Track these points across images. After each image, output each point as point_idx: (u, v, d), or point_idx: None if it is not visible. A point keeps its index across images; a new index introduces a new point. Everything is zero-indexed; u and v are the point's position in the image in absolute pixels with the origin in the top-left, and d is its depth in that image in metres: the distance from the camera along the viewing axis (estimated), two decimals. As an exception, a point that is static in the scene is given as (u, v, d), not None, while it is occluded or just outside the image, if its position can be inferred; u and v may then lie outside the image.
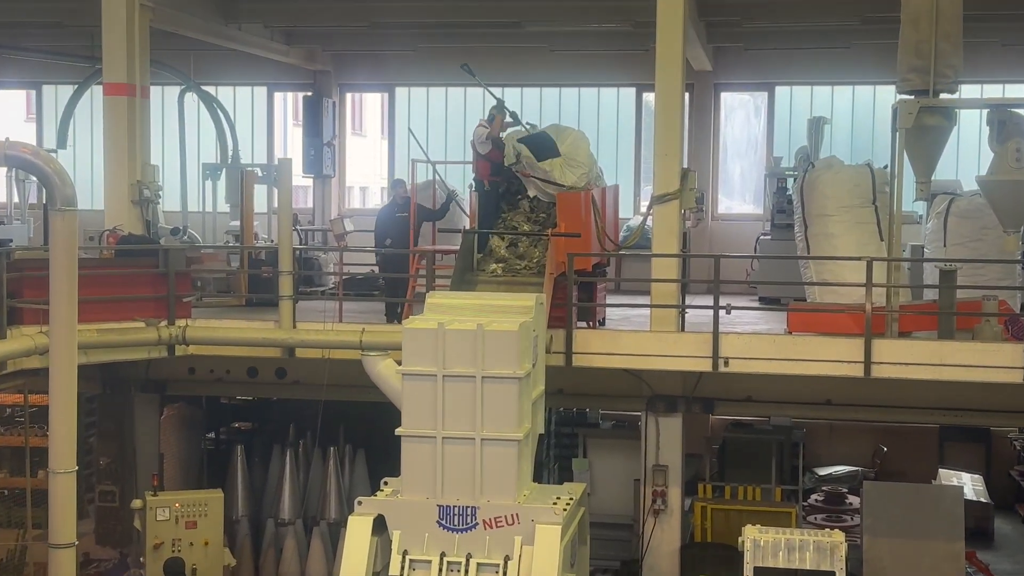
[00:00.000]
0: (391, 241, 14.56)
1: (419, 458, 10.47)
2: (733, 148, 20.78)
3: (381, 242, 14.56)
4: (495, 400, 10.38)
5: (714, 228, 19.96)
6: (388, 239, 14.57)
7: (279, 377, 15.31)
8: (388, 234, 14.59)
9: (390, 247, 14.54)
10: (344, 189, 22.17)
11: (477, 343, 10.37)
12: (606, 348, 12.98)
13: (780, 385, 14.01)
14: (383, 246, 14.53)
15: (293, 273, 13.61)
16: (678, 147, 13.20)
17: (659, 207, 13.20)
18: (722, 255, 14.20)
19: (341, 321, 13.97)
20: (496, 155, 13.68)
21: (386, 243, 14.52)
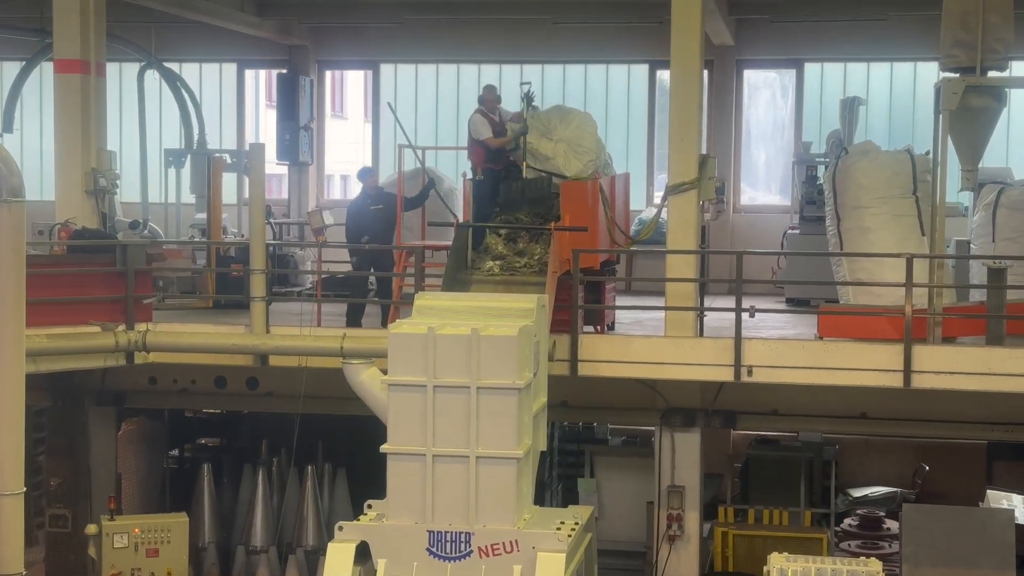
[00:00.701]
0: (368, 238, 14.53)
1: (407, 478, 10.47)
2: (757, 132, 20.78)
3: (355, 239, 14.54)
4: (492, 413, 10.38)
5: (736, 221, 19.97)
6: (365, 236, 14.53)
7: (250, 388, 15.30)
8: (364, 230, 14.57)
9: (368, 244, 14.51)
10: (323, 178, 22.17)
11: (471, 350, 10.38)
12: (616, 355, 12.98)
13: (810, 396, 14.01)
14: (356, 241, 14.50)
15: (266, 272, 13.60)
16: (696, 131, 13.20)
17: (675, 198, 13.20)
18: (745, 251, 14.21)
19: (320, 325, 13.97)
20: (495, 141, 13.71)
21: (362, 240, 14.49)
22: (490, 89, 13.99)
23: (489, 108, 13.87)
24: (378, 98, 21.38)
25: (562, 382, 13.21)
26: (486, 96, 13.92)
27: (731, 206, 19.92)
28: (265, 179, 14.02)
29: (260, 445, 16.56)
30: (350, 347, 12.55)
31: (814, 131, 19.76)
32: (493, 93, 13.96)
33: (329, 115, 22.63)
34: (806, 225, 17.41)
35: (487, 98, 13.91)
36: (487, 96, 13.91)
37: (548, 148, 13.79)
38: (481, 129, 13.68)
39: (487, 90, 13.98)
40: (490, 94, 13.94)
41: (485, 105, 13.88)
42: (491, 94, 13.95)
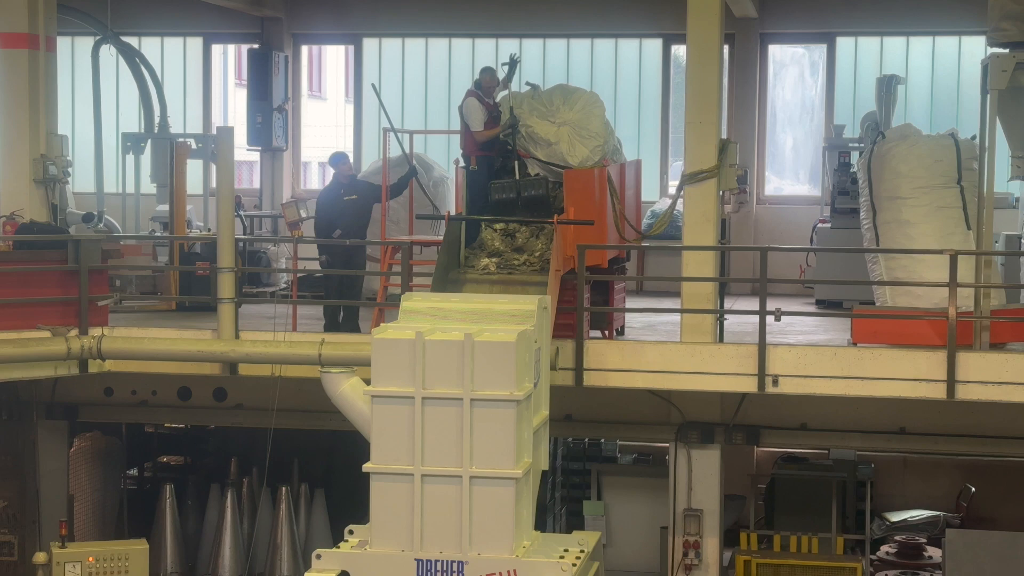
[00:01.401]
0: (340, 232, 14.50)
1: (393, 501, 10.47)
2: (784, 115, 20.77)
3: (326, 232, 14.54)
4: (487, 428, 10.37)
5: (760, 214, 19.97)
6: (337, 229, 14.51)
7: (218, 399, 15.30)
8: (335, 223, 14.55)
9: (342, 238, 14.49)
10: (299, 165, 22.16)
11: (464, 357, 10.37)
12: (625, 363, 13.00)
13: (842, 410, 14.02)
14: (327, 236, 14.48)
15: (235, 270, 13.60)
16: (715, 113, 13.21)
17: (691, 188, 13.21)
18: (770, 247, 14.20)
19: (295, 330, 13.97)
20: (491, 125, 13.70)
21: (334, 234, 14.47)
22: (489, 72, 13.92)
23: (487, 93, 13.84)
24: (360, 76, 21.37)
25: (566, 393, 13.20)
26: (485, 80, 13.85)
27: (754, 197, 19.92)
28: (234, 167, 14.00)
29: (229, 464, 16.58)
30: (329, 354, 12.55)
31: (847, 113, 19.76)
32: (493, 77, 13.90)
33: (306, 95, 22.62)
34: (838, 218, 17.41)
35: (486, 83, 13.84)
36: (486, 80, 13.85)
37: (550, 132, 13.78)
38: (474, 116, 13.63)
39: (486, 73, 13.92)
40: (489, 78, 13.87)
41: (483, 89, 13.83)
42: (490, 78, 13.88)
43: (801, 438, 14.71)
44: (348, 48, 21.94)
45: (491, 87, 13.85)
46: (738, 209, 19.34)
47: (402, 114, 20.46)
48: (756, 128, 19.98)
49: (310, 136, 22.87)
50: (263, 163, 21.48)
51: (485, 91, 13.83)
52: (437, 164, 18.78)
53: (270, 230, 20.51)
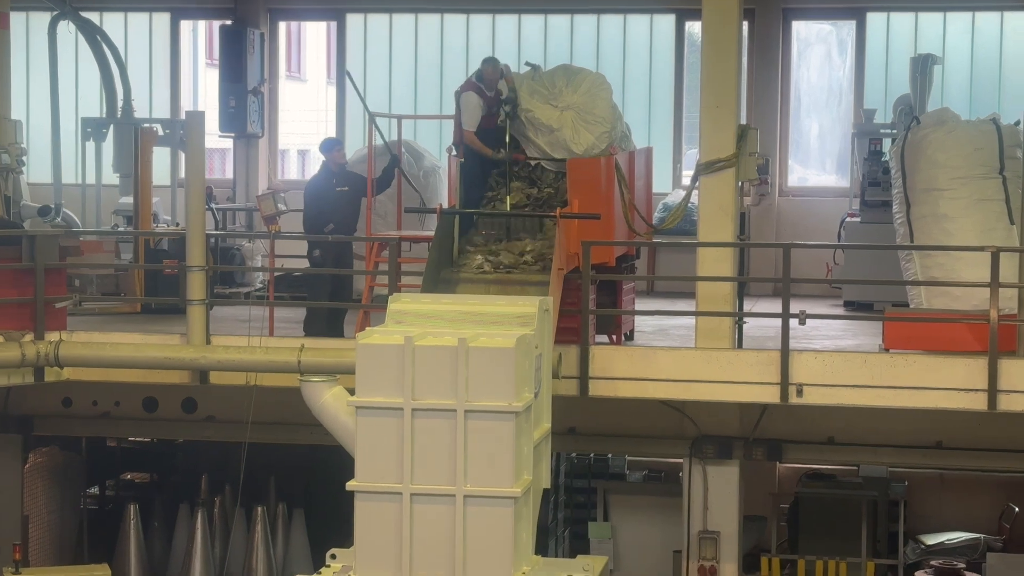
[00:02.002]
0: (334, 226, 14.49)
1: (379, 522, 10.47)
2: (809, 98, 20.78)
3: (317, 226, 14.50)
4: (483, 443, 10.37)
5: (783, 207, 19.98)
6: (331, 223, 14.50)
7: (187, 411, 15.30)
8: (328, 216, 14.53)
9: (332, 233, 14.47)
10: (276, 153, 22.17)
11: (458, 364, 10.37)
12: (635, 371, 13.00)
13: (873, 422, 14.02)
14: (319, 230, 14.46)
15: (206, 269, 13.60)
16: (733, 97, 13.20)
17: (707, 178, 13.21)
18: (794, 244, 14.20)
19: (272, 334, 13.97)
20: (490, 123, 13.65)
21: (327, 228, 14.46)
22: (491, 64, 13.78)
23: (489, 86, 13.75)
24: (343, 55, 21.38)
25: (570, 404, 13.19)
26: (487, 73, 13.73)
27: (777, 188, 19.93)
28: (205, 155, 14.00)
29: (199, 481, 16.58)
30: (309, 361, 12.53)
31: (878, 96, 19.76)
32: (496, 69, 13.79)
33: (284, 76, 22.62)
34: (868, 212, 17.43)
35: (488, 75, 13.74)
36: (488, 73, 13.73)
37: (552, 117, 13.77)
38: (470, 113, 13.54)
39: (487, 64, 13.79)
40: (492, 70, 13.75)
41: (484, 82, 13.73)
42: (493, 70, 13.76)
43: (828, 453, 14.71)
44: (330, 24, 21.95)
45: (493, 80, 13.74)
46: (759, 202, 19.34)
47: (389, 97, 20.46)
48: (778, 113, 19.99)
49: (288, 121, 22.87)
50: (237, 151, 21.47)
51: (487, 84, 13.74)
52: (428, 152, 18.78)
53: (244, 225, 20.50)
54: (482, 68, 13.81)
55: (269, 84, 21.32)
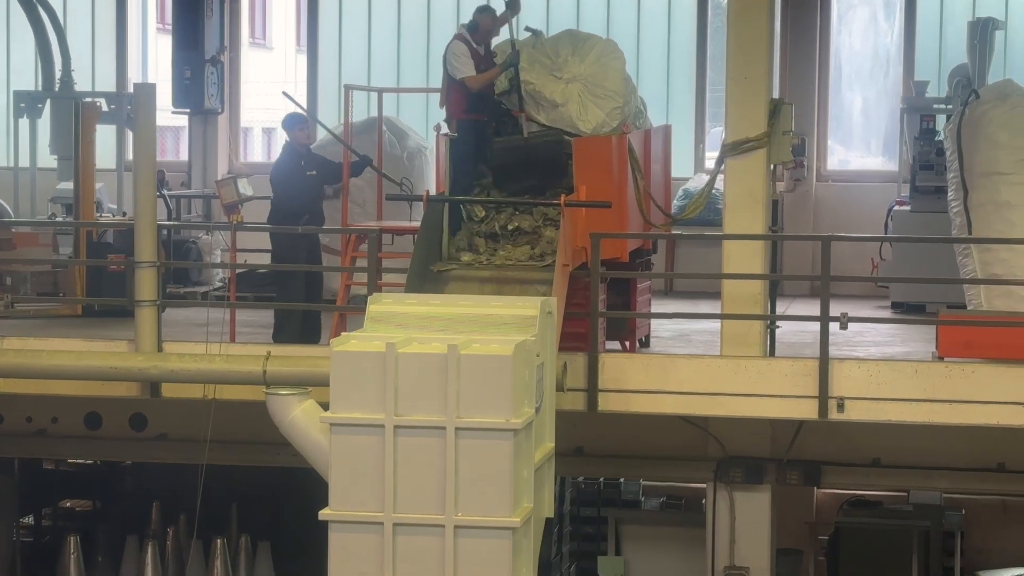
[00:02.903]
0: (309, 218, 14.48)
1: (356, 556, 10.47)
2: (852, 68, 20.78)
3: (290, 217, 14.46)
4: (477, 465, 10.37)
5: (821, 193, 19.99)
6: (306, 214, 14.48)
7: (136, 429, 15.31)
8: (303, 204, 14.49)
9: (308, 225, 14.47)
10: (238, 131, 22.16)
11: (448, 375, 10.37)
12: (651, 383, 13.00)
13: (925, 441, 14.03)
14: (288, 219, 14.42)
15: (158, 265, 13.59)
16: (764, 67, 13.20)
17: (734, 161, 13.21)
18: (834, 236, 14.20)
19: (234, 340, 13.97)
20: None
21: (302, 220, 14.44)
22: (487, 12, 13.83)
23: (480, 38, 13.77)
24: (315, 20, 21.39)
25: (576, 421, 13.20)
26: (481, 21, 13.76)
27: (814, 172, 19.94)
28: (156, 134, 13.99)
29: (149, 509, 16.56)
30: (276, 371, 12.52)
31: (931, 67, 19.76)
32: (491, 18, 13.81)
33: (247, 44, 22.65)
34: (920, 199, 17.42)
35: (483, 24, 13.76)
36: (483, 21, 13.76)
37: (556, 91, 13.76)
38: (460, 63, 13.61)
39: (483, 14, 13.82)
40: (487, 19, 13.77)
41: (477, 33, 13.76)
42: (488, 19, 13.78)
43: (873, 477, 14.72)
44: (300, -15, 21.93)
45: (487, 33, 13.79)
46: (793, 187, 19.35)
47: (368, 68, 20.48)
48: (816, 85, 19.99)
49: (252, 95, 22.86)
50: (193, 129, 21.47)
51: (480, 35, 13.77)
52: (413, 131, 18.77)
53: (201, 214, 20.49)
54: (476, 18, 13.82)
55: (230, 52, 21.31)
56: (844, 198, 19.87)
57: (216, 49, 20.80)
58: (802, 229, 19.21)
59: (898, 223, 17.55)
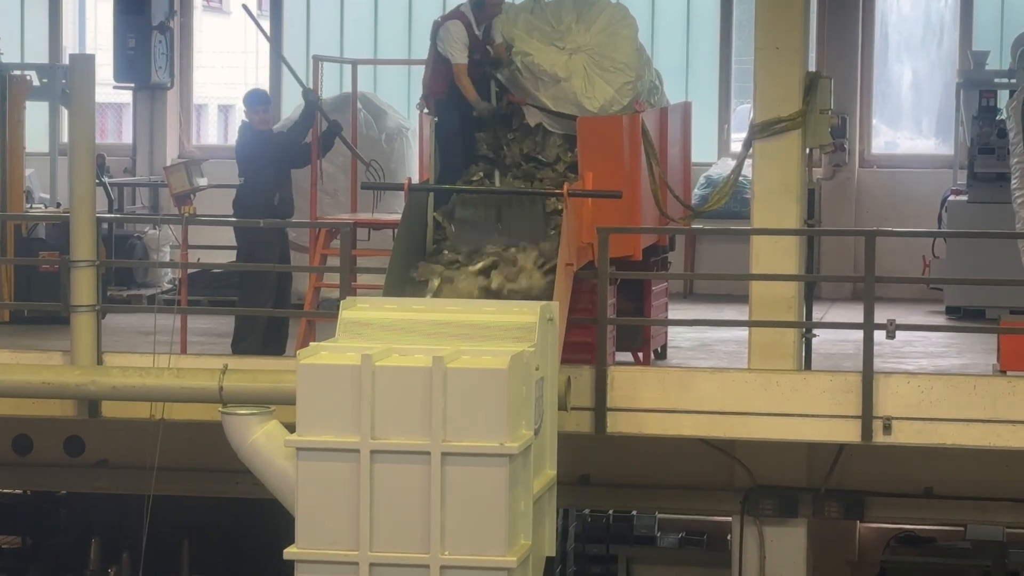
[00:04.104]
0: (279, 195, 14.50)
1: (327, 602, 10.49)
2: (900, 36, 20.81)
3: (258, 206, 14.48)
4: (466, 496, 10.39)
5: (865, 181, 20.02)
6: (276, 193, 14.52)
7: (71, 454, 15.31)
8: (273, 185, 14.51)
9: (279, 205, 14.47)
10: (191, 109, 22.17)
11: (433, 392, 10.38)
12: (668, 401, 13.02)
13: (984, 468, 14.04)
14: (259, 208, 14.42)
15: (97, 264, 13.60)
16: (799, 36, 13.21)
17: (764, 143, 13.22)
18: (879, 231, 14.23)
19: (185, 351, 13.97)
20: None
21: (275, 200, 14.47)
22: None
23: (483, 17, 13.72)
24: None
25: (582, 445, 13.22)
26: (490, 4, 13.72)
27: (857, 156, 19.97)
28: (96, 112, 13.99)
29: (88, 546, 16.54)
30: (234, 387, 12.53)
31: (991, 35, 19.78)
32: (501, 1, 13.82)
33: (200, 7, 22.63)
34: (979, 188, 17.43)
35: (490, 7, 13.68)
36: (491, 4, 13.72)
37: (558, 63, 13.76)
38: (454, 44, 13.55)
39: None
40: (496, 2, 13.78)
41: (483, 11, 13.69)
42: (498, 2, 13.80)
43: (924, 509, 14.72)
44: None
45: (491, 14, 13.71)
46: (833, 175, 19.37)
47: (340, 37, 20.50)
48: (859, 57, 20.01)
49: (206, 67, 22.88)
50: (138, 107, 21.48)
51: (485, 14, 13.70)
52: (392, 109, 18.78)
53: (148, 206, 20.48)
54: None
55: (181, 18, 21.34)
56: (891, 186, 19.89)
57: (164, 14, 20.81)
58: (843, 223, 19.23)
59: (953, 215, 17.55)
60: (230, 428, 11.63)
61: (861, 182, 19.96)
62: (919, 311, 17.02)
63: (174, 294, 17.04)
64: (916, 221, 18.62)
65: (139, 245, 18.18)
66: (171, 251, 18.54)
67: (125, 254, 17.79)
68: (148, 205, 20.57)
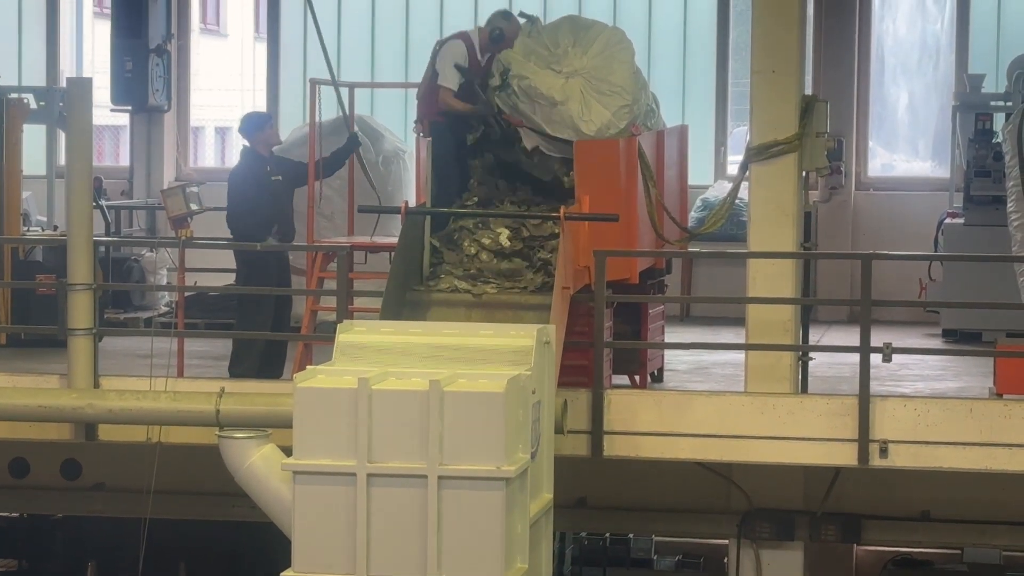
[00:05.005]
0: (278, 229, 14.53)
1: (324, 626, 10.47)
2: (896, 59, 20.83)
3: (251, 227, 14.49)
4: (463, 520, 10.38)
5: (862, 204, 20.02)
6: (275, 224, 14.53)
7: (68, 477, 15.29)
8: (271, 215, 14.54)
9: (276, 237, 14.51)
10: (188, 132, 22.17)
11: (430, 416, 10.38)
12: (665, 424, 13.01)
13: (981, 491, 14.03)
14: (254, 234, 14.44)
15: (94, 287, 13.60)
16: (796, 59, 13.23)
17: (761, 166, 13.23)
18: (876, 254, 14.23)
19: (182, 375, 13.97)
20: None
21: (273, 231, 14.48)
22: (508, 19, 13.72)
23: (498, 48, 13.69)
24: (277, 2, 21.40)
25: (579, 468, 13.20)
26: (508, 30, 13.59)
27: (853, 179, 19.97)
28: (93, 135, 13.99)
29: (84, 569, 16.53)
30: (231, 411, 12.51)
31: (987, 58, 19.79)
32: (517, 27, 13.76)
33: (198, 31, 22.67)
34: (975, 211, 17.44)
35: (509, 34, 13.61)
36: (509, 30, 13.59)
37: (555, 87, 13.75)
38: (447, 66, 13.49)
39: (509, 20, 13.71)
40: (514, 27, 13.69)
41: (499, 44, 13.64)
42: (515, 28, 13.70)
43: (921, 533, 14.71)
44: (258, -36, 21.97)
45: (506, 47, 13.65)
46: (829, 197, 19.37)
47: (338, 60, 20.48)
48: (856, 80, 20.02)
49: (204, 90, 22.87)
50: (135, 130, 21.49)
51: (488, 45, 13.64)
52: (389, 132, 18.79)
53: (145, 228, 20.48)
54: (503, 26, 13.64)
55: (178, 41, 21.33)
56: (887, 209, 19.90)
57: (162, 37, 20.81)
58: (839, 246, 19.23)
59: (950, 238, 17.56)
60: (227, 451, 11.62)
61: (857, 205, 19.96)
62: (915, 334, 17.03)
63: (171, 317, 17.07)
64: (912, 244, 18.62)
65: (136, 268, 18.17)
66: (168, 274, 18.53)
67: (122, 277, 17.79)
68: (145, 228, 20.58)
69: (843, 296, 17.85)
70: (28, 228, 17.74)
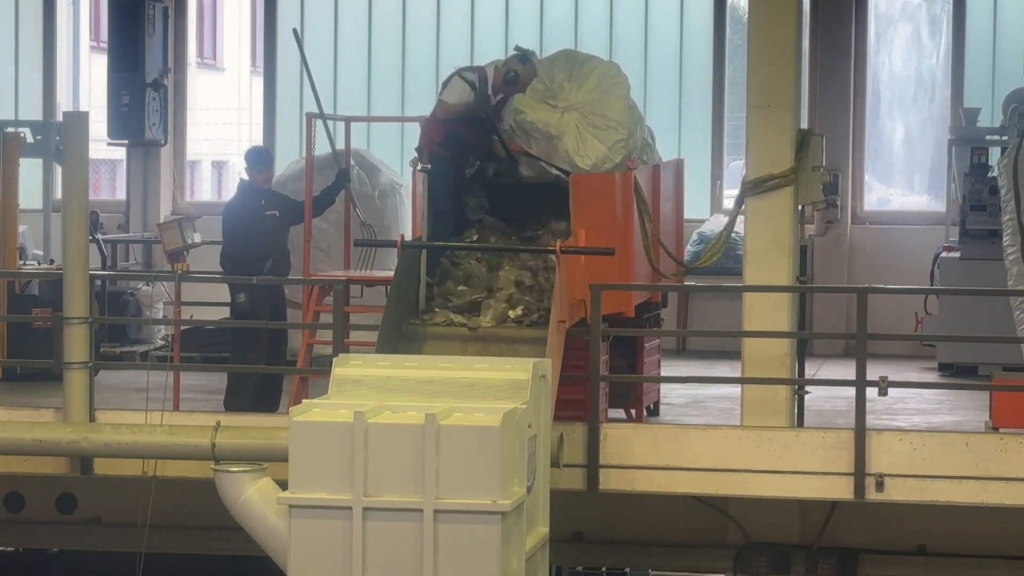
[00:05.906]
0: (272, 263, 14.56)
1: (319, 660, 10.45)
2: (892, 93, 20.84)
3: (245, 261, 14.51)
4: (459, 554, 10.36)
5: (857, 238, 20.02)
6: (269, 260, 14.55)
7: (64, 511, 15.26)
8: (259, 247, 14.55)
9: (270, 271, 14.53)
10: (184, 166, 22.18)
11: (426, 449, 10.37)
12: (661, 458, 13.01)
13: (978, 525, 14.01)
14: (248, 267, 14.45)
15: (90, 321, 13.60)
16: (791, 92, 13.26)
17: (756, 200, 13.25)
18: (872, 288, 14.23)
19: (178, 408, 13.96)
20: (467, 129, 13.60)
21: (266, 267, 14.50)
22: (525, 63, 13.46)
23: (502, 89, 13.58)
24: (273, 38, 21.44)
25: (575, 502, 13.19)
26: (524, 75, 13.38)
27: (849, 213, 19.97)
28: (90, 169, 14.00)
29: (79, 604, 16.50)
30: (227, 444, 12.52)
31: (983, 91, 19.81)
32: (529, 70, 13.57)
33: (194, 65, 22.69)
34: (971, 245, 17.43)
35: (524, 78, 13.46)
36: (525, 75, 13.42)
37: (550, 121, 13.78)
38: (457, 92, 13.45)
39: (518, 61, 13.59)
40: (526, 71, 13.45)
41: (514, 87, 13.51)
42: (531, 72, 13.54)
43: (918, 567, 14.67)
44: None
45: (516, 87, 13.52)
46: (825, 231, 19.36)
47: (334, 94, 20.52)
48: (852, 114, 20.04)
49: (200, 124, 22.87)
50: (131, 163, 21.49)
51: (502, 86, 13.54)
52: (385, 165, 18.80)
53: (141, 262, 20.47)
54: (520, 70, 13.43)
55: (175, 75, 21.35)
56: (883, 243, 19.89)
57: (159, 71, 20.82)
58: (835, 279, 19.22)
59: (946, 272, 17.56)
60: (223, 485, 11.60)
61: (853, 239, 19.97)
62: (912, 367, 17.02)
63: (167, 351, 17.03)
64: (908, 277, 18.62)
65: (132, 302, 18.17)
66: (164, 308, 18.52)
67: (118, 311, 17.78)
68: (141, 262, 20.57)
69: (839, 330, 17.85)
70: (24, 262, 17.73)
